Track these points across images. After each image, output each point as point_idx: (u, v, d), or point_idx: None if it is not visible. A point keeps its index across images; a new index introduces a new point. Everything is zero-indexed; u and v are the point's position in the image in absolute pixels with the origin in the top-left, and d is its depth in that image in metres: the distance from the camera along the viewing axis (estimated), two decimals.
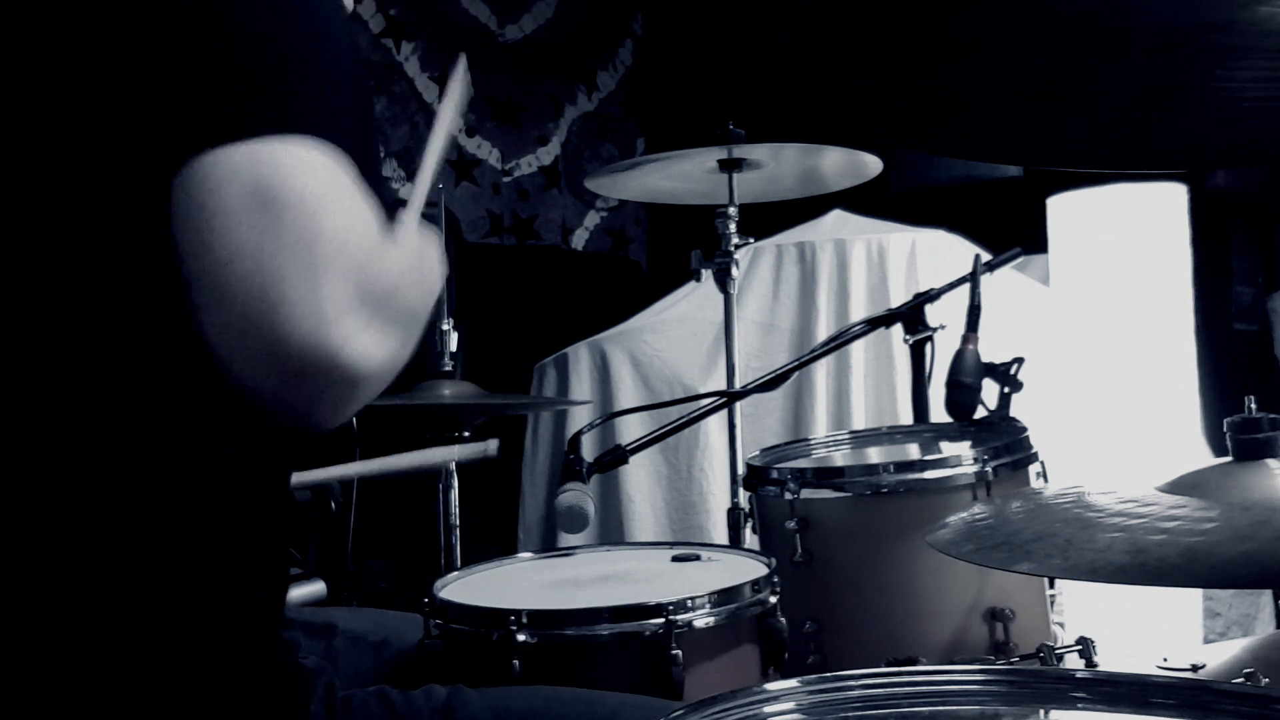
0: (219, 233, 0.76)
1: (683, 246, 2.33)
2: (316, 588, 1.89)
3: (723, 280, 2.28)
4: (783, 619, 1.34)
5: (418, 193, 0.97)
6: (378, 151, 0.90)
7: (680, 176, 2.38)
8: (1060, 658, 1.43)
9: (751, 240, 2.34)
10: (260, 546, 0.92)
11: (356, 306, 0.77)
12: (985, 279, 1.87)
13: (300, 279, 0.75)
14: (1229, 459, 1.03)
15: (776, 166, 2.34)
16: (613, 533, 2.89)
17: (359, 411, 0.86)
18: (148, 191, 0.79)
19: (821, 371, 2.75)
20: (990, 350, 1.77)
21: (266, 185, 0.76)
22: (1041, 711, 0.82)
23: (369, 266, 0.79)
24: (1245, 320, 3.82)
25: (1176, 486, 1.01)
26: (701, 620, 1.26)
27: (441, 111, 1.05)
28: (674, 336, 2.98)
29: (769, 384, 1.85)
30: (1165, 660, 1.41)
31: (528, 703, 1.06)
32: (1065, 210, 2.65)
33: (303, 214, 0.76)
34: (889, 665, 1.23)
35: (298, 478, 1.47)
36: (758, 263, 2.95)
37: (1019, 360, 1.74)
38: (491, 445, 1.57)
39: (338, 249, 0.77)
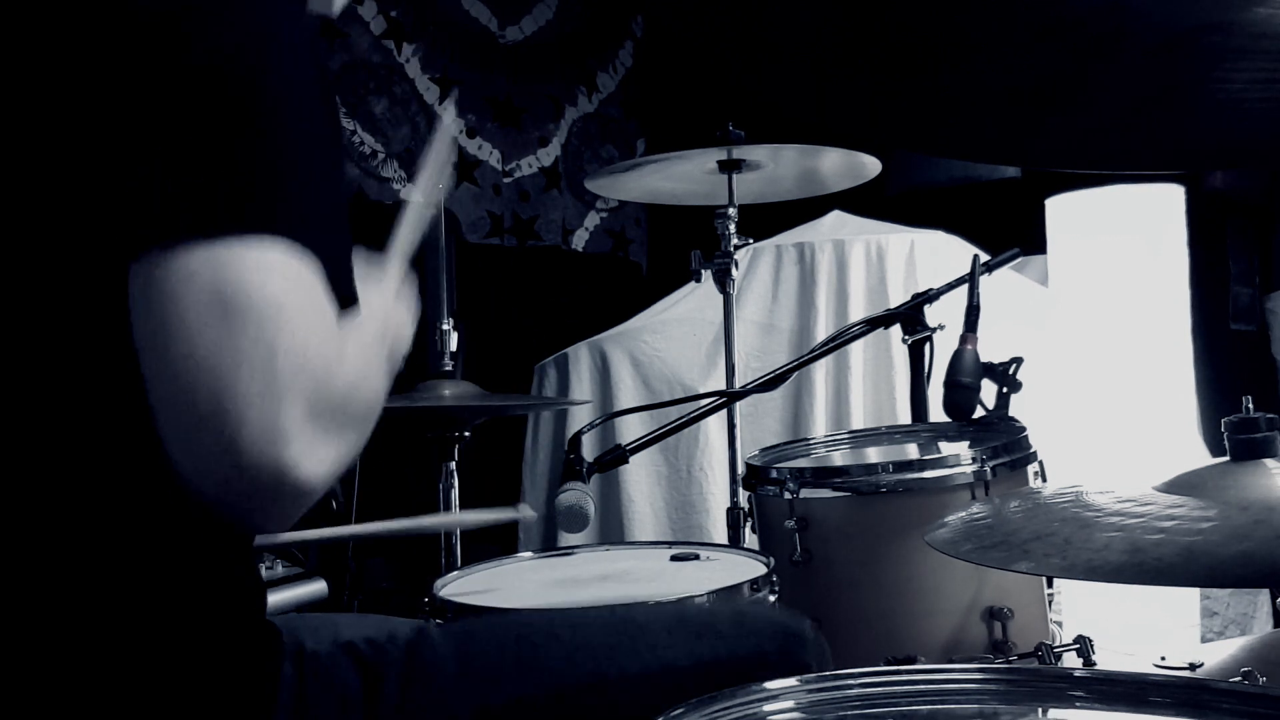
0: (177, 337, 0.74)
1: (683, 247, 2.33)
2: (317, 587, 1.89)
3: (722, 281, 2.28)
4: None
5: (392, 264, 0.97)
6: (348, 237, 0.88)
7: (680, 177, 2.39)
8: (1058, 656, 1.43)
9: (751, 241, 2.35)
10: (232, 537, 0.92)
11: (311, 422, 0.76)
12: (984, 279, 1.88)
13: (259, 397, 0.74)
14: (1226, 459, 1.04)
15: (776, 167, 2.35)
16: (613, 532, 2.89)
17: None
18: (107, 279, 0.78)
19: (821, 371, 2.76)
20: (989, 350, 1.78)
21: (227, 292, 0.74)
22: (1040, 710, 0.82)
23: (326, 381, 0.78)
24: (1243, 320, 3.82)
25: (1174, 486, 1.01)
26: None
27: (419, 188, 1.05)
28: (674, 337, 2.99)
29: (768, 384, 1.86)
30: (1163, 659, 1.41)
31: (492, 632, 1.07)
32: (1064, 211, 2.65)
33: (263, 326, 0.75)
34: (888, 664, 1.23)
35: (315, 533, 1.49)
36: (757, 263, 2.95)
37: (1017, 360, 1.75)
38: (526, 509, 1.57)
39: (297, 365, 0.76)
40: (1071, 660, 1.44)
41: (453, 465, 2.23)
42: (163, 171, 0.78)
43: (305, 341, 0.77)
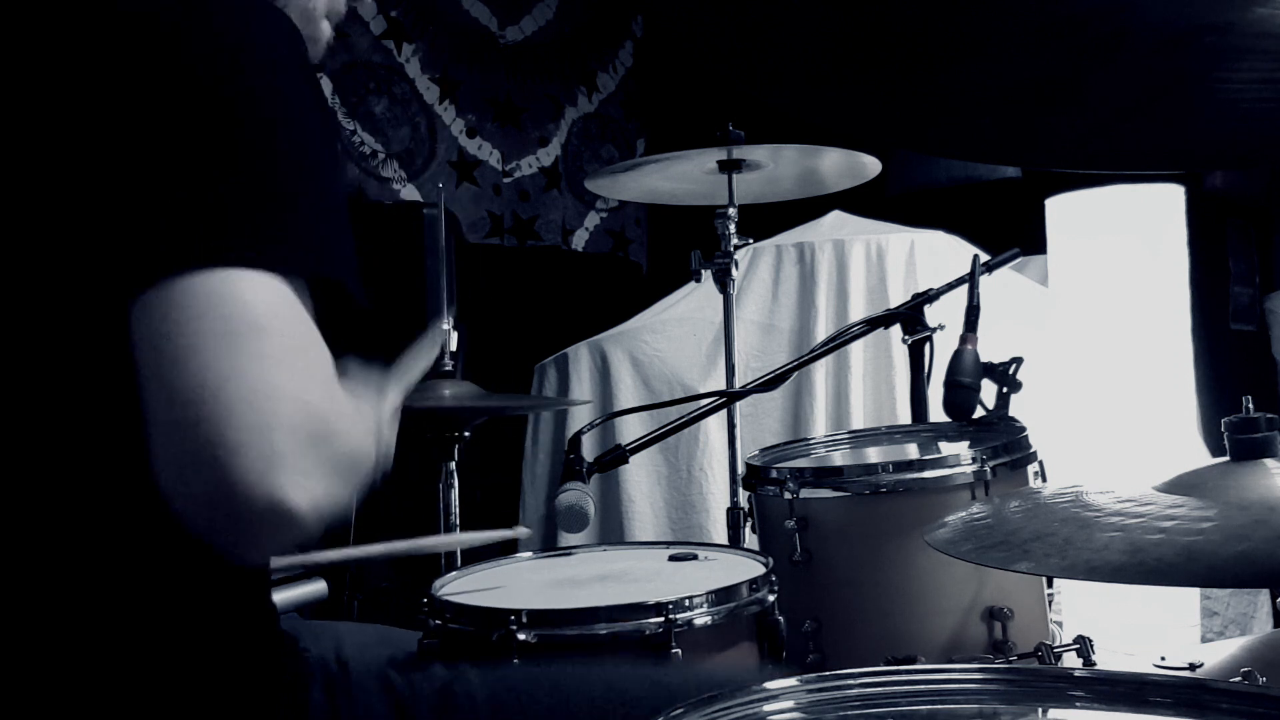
0: (178, 364, 0.75)
1: (683, 247, 2.33)
2: (318, 587, 1.89)
3: (722, 281, 2.28)
4: (780, 617, 1.34)
5: (390, 399, 0.97)
6: (350, 246, 0.88)
7: (680, 177, 2.39)
8: (1058, 656, 1.44)
9: (751, 241, 2.35)
10: None
11: (305, 453, 0.77)
12: (984, 279, 1.88)
13: (255, 426, 0.74)
14: (1226, 459, 1.04)
15: (776, 167, 2.35)
16: (613, 532, 2.89)
17: None
18: (109, 312, 0.78)
19: (821, 372, 2.76)
20: (989, 350, 1.78)
21: (229, 319, 0.75)
22: (1040, 710, 0.82)
23: (320, 413, 0.78)
24: (1243, 320, 3.82)
25: (1174, 486, 1.01)
26: (700, 619, 1.26)
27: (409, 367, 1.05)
28: (674, 336, 2.99)
29: (768, 384, 1.86)
30: (1163, 659, 1.41)
31: (526, 678, 1.07)
32: (1064, 211, 2.65)
33: (263, 356, 0.75)
34: (888, 664, 1.23)
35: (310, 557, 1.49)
36: (757, 263, 2.96)
37: (1017, 360, 1.75)
38: (522, 531, 1.58)
39: (294, 397, 0.76)
40: (1071, 660, 1.44)
41: (453, 465, 2.23)
42: (162, 202, 0.78)
43: (305, 374, 0.78)
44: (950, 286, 1.91)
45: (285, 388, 0.76)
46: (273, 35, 0.86)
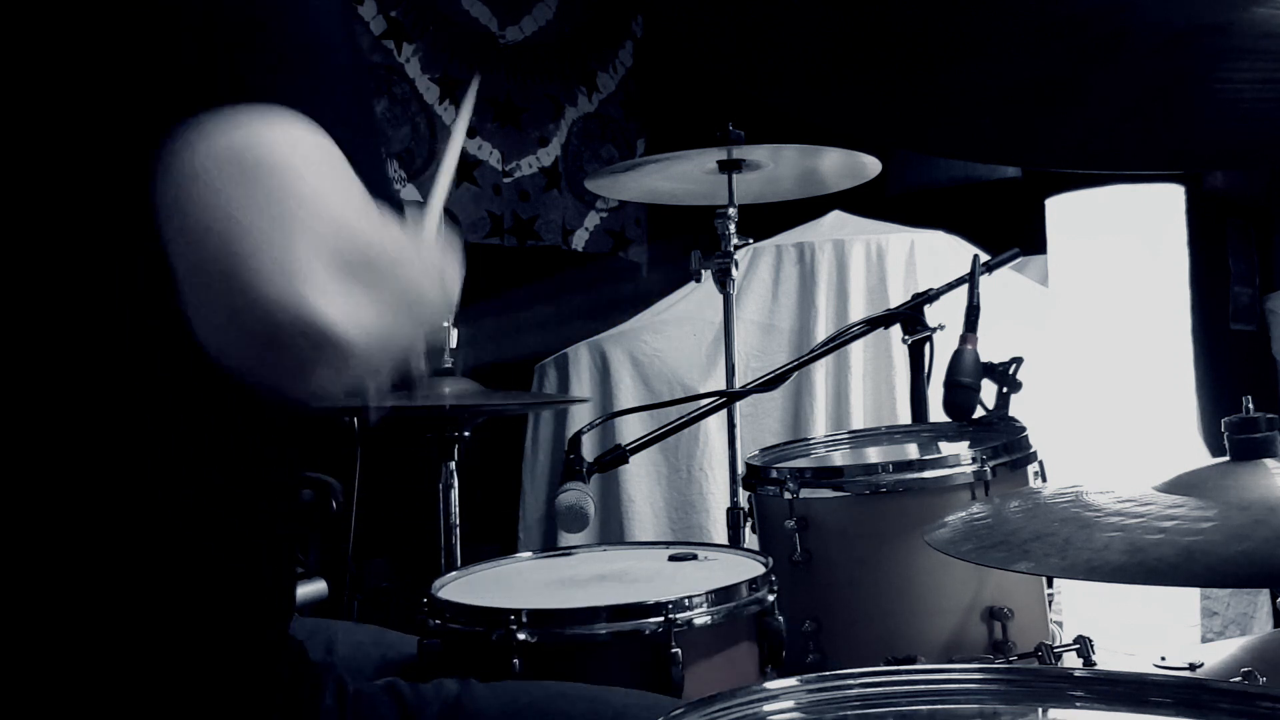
0: (196, 201, 0.72)
1: (683, 247, 2.33)
2: (318, 587, 1.89)
3: (722, 280, 2.28)
4: (780, 618, 1.34)
5: (434, 202, 0.95)
6: (377, 145, 0.87)
7: (680, 177, 2.39)
8: (1058, 656, 1.44)
9: (751, 241, 2.35)
10: (267, 542, 0.92)
11: (331, 265, 0.73)
12: (984, 279, 1.88)
13: (273, 236, 0.71)
14: (1226, 459, 1.04)
15: (776, 167, 2.35)
16: (613, 532, 2.89)
17: (359, 410, 0.85)
18: (129, 164, 0.75)
19: (821, 372, 2.76)
20: (989, 350, 1.78)
21: (247, 154, 0.72)
22: (1040, 710, 0.82)
23: (347, 228, 0.74)
24: (1243, 320, 3.82)
25: (1174, 486, 1.01)
26: (700, 619, 1.26)
27: (455, 127, 1.04)
28: (674, 336, 2.99)
29: (768, 384, 1.86)
30: (1163, 659, 1.41)
31: (536, 697, 1.06)
32: (1064, 211, 2.65)
33: (282, 177, 0.72)
34: (888, 664, 1.23)
35: None
36: (757, 263, 2.96)
37: (1017, 360, 1.75)
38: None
39: (314, 210, 0.73)
40: (1071, 660, 1.44)
41: (453, 465, 2.23)
42: (184, 51, 0.77)
43: (324, 192, 0.74)
44: (950, 286, 1.91)
45: (310, 204, 0.73)
46: None
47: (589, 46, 4.64)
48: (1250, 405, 1.03)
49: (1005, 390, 1.74)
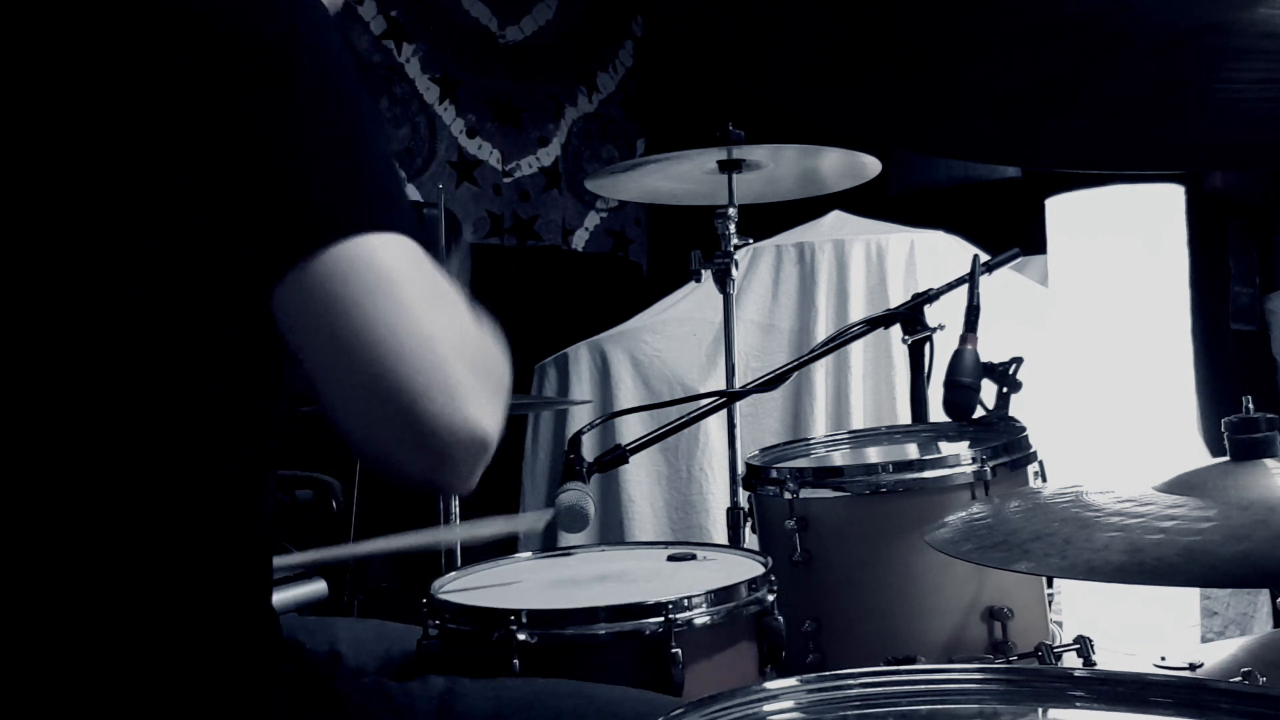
0: (340, 334, 0.79)
1: (683, 247, 2.33)
2: (317, 587, 1.89)
3: (722, 281, 2.28)
4: (780, 618, 1.34)
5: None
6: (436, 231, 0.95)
7: (680, 177, 2.39)
8: (1058, 656, 1.44)
9: (751, 241, 2.35)
10: (247, 537, 0.92)
11: (475, 381, 0.82)
12: (984, 279, 1.88)
13: (431, 366, 0.80)
14: (1226, 459, 1.03)
15: (776, 167, 2.35)
16: (613, 532, 2.89)
17: None
18: (246, 302, 0.82)
19: (821, 371, 2.76)
20: (989, 350, 1.78)
21: (373, 278, 0.80)
22: (1040, 710, 0.82)
23: (475, 342, 0.84)
24: (1243, 320, 3.82)
25: (1174, 486, 1.01)
26: (700, 619, 1.26)
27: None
28: (674, 336, 2.99)
29: (768, 384, 1.85)
30: (1163, 659, 1.41)
31: (525, 694, 1.06)
32: (1064, 211, 2.65)
33: (412, 303, 0.81)
34: (888, 664, 1.23)
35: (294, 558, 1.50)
36: (757, 263, 2.96)
37: (1017, 360, 1.75)
38: (528, 519, 1.60)
39: (453, 331, 0.82)
40: (1071, 660, 1.44)
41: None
42: (287, 190, 0.82)
43: (451, 311, 0.84)
44: (950, 286, 1.91)
45: (441, 325, 0.82)
46: (317, 12, 0.89)
47: (589, 46, 4.64)
48: (1250, 405, 1.03)
49: (1005, 390, 1.74)
